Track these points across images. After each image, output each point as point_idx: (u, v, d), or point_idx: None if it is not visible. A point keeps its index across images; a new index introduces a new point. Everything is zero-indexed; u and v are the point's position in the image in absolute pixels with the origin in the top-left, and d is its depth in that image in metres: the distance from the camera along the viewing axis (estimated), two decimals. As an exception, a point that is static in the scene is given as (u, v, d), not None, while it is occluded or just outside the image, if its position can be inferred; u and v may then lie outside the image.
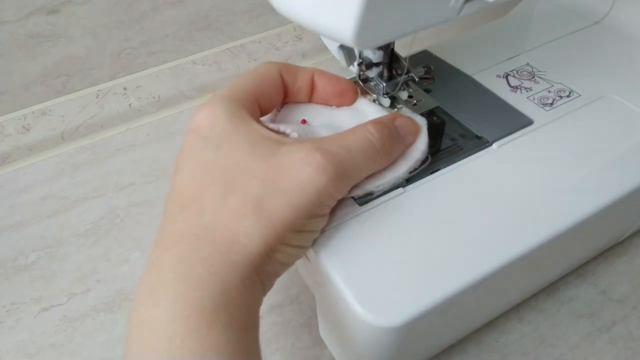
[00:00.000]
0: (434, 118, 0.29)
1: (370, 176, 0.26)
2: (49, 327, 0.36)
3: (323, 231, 0.26)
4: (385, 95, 0.30)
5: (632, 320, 0.34)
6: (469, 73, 0.36)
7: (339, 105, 0.30)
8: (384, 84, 0.30)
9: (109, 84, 0.54)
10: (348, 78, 0.30)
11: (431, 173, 0.29)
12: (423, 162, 0.28)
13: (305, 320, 0.35)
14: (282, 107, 0.29)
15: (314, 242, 0.25)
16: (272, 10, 0.26)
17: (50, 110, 0.51)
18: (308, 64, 0.59)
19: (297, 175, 0.22)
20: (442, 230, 0.26)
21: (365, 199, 0.27)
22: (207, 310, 0.20)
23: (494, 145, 0.30)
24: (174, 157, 0.25)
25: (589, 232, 0.30)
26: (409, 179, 0.28)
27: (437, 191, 0.28)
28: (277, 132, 0.25)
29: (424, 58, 0.38)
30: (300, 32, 0.60)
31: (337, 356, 0.32)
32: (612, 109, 0.32)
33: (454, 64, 0.37)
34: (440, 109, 0.31)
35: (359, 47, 0.29)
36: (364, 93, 0.30)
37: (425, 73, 0.30)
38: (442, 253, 0.25)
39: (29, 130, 0.50)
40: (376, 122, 0.26)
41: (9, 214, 0.45)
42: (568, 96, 0.33)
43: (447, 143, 0.31)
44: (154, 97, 0.54)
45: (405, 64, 0.29)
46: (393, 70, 0.30)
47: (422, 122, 0.29)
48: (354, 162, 0.24)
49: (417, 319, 0.23)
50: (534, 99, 0.33)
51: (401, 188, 0.28)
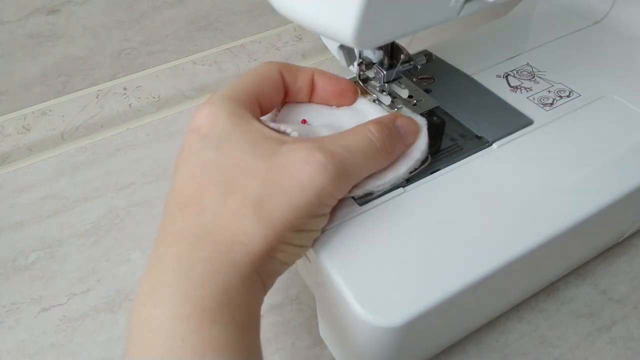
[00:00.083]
0: (434, 118, 0.29)
1: (370, 176, 0.26)
2: (49, 327, 0.36)
3: (323, 231, 0.26)
4: (386, 84, 0.30)
5: (632, 320, 0.34)
6: (469, 73, 0.36)
7: (339, 105, 0.30)
8: (385, 72, 0.29)
9: (109, 84, 0.54)
10: (348, 78, 0.30)
11: (431, 173, 0.29)
12: (423, 162, 0.28)
13: (305, 320, 0.35)
14: (282, 107, 0.29)
15: (314, 242, 0.25)
16: (272, 10, 0.26)
17: (50, 110, 0.51)
18: (308, 64, 0.59)
19: (298, 174, 0.22)
20: (442, 230, 0.26)
21: (365, 199, 0.27)
22: (208, 310, 0.20)
23: (494, 145, 0.30)
24: (174, 157, 0.25)
25: (589, 232, 0.30)
26: (409, 179, 0.28)
27: (437, 191, 0.28)
28: (278, 132, 0.25)
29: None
30: (300, 32, 0.60)
31: (337, 356, 0.32)
32: (612, 109, 0.32)
33: (454, 64, 0.37)
34: (440, 109, 0.31)
35: (359, 47, 0.29)
36: (364, 93, 0.30)
37: (427, 61, 0.29)
38: (442, 253, 0.25)
39: (29, 130, 0.50)
40: (377, 122, 0.26)
41: (9, 214, 0.45)
42: (568, 96, 0.33)
43: (447, 143, 0.31)
44: (154, 97, 0.54)
45: (406, 50, 0.28)
46: (393, 59, 0.29)
47: (422, 122, 0.29)
48: (354, 162, 0.24)
49: (417, 319, 0.23)
50: (534, 99, 0.33)
51: (401, 188, 0.28)
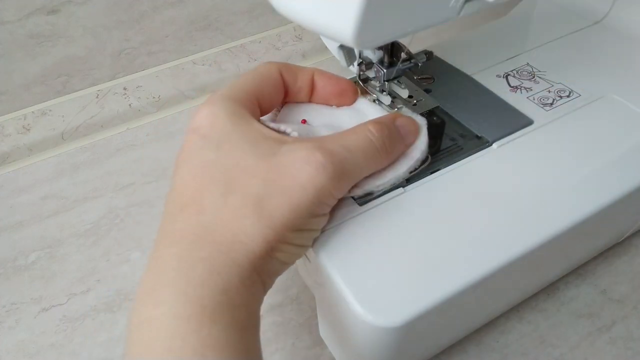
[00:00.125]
0: (434, 118, 0.29)
1: (370, 176, 0.26)
2: (49, 327, 0.36)
3: (323, 231, 0.26)
4: (386, 83, 0.30)
5: (632, 320, 0.34)
6: (469, 73, 0.36)
7: (339, 105, 0.30)
8: (385, 70, 0.29)
9: (109, 84, 0.54)
10: (348, 78, 0.30)
11: (431, 173, 0.29)
12: (423, 162, 0.28)
13: (305, 320, 0.35)
14: (282, 107, 0.29)
15: (314, 242, 0.25)
16: (272, 10, 0.26)
17: (50, 110, 0.51)
18: (308, 64, 0.59)
19: (298, 174, 0.22)
20: (442, 230, 0.26)
21: (365, 199, 0.27)
22: (208, 310, 0.20)
23: (494, 145, 0.30)
24: (174, 157, 0.25)
25: (589, 232, 0.30)
26: (409, 179, 0.28)
27: (437, 191, 0.28)
28: (278, 132, 0.25)
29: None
30: (300, 32, 0.60)
31: (337, 356, 0.32)
32: (612, 109, 0.32)
33: (454, 64, 0.37)
34: (440, 109, 0.31)
35: (359, 47, 0.29)
36: (364, 93, 0.30)
37: (427, 59, 0.29)
38: (442, 253, 0.25)
39: (29, 130, 0.50)
40: (377, 122, 0.26)
41: (9, 214, 0.45)
42: (568, 96, 0.33)
43: (447, 143, 0.31)
44: (154, 97, 0.54)
45: (407, 48, 0.28)
46: (394, 57, 0.29)
47: (422, 122, 0.29)
48: (354, 162, 0.24)
49: (417, 319, 0.23)
50: (534, 99, 0.33)
51: (401, 188, 0.28)
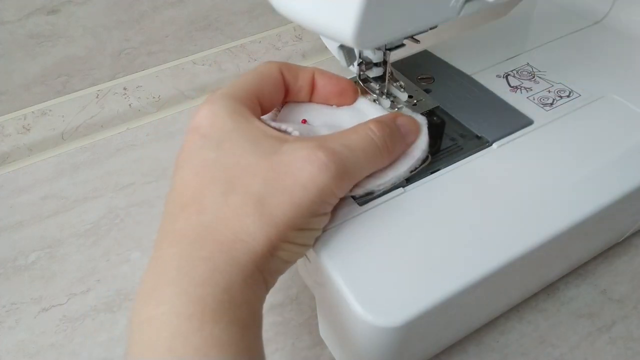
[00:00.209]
0: (434, 118, 0.30)
1: (371, 175, 0.26)
2: (49, 327, 0.36)
3: (323, 230, 0.26)
4: (384, 96, 0.30)
5: (632, 320, 0.34)
6: (469, 73, 0.36)
7: (339, 105, 0.30)
8: (378, 85, 0.30)
9: (109, 84, 0.54)
10: (348, 78, 0.30)
11: (431, 173, 0.29)
12: (424, 161, 0.28)
13: (305, 320, 0.35)
14: (283, 107, 0.29)
15: (315, 242, 0.25)
16: (272, 10, 0.26)
17: (50, 110, 0.51)
18: (308, 64, 0.59)
19: (299, 173, 0.22)
20: (442, 230, 0.26)
21: (365, 199, 0.27)
22: (210, 309, 0.20)
23: (494, 145, 0.30)
24: (174, 157, 0.25)
25: (589, 232, 0.30)
26: (409, 179, 0.28)
27: (437, 191, 0.28)
28: (279, 131, 0.25)
29: (424, 58, 0.38)
30: (300, 32, 0.60)
31: (337, 356, 0.32)
32: (612, 109, 0.32)
33: (454, 64, 0.37)
34: (440, 109, 0.31)
35: (359, 47, 0.29)
36: (364, 93, 0.30)
37: (409, 97, 0.31)
38: (442, 253, 0.25)
39: (29, 130, 0.50)
40: (378, 121, 0.26)
41: (9, 214, 0.45)
42: (568, 96, 0.33)
43: (447, 143, 0.31)
44: (154, 97, 0.54)
45: (387, 82, 0.30)
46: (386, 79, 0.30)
47: (423, 121, 0.29)
48: (356, 161, 0.24)
49: (417, 319, 0.23)
50: (534, 99, 0.33)
51: (401, 188, 0.28)
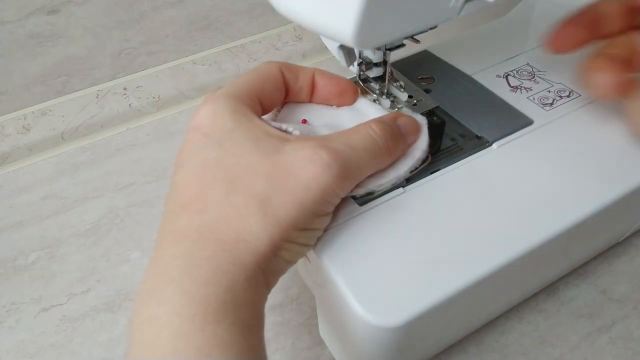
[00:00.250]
0: (434, 118, 0.30)
1: (372, 175, 0.26)
2: (49, 327, 0.36)
3: (324, 230, 0.26)
4: (384, 96, 0.30)
5: (632, 320, 0.34)
6: (469, 73, 0.36)
7: (339, 105, 0.30)
8: (378, 85, 0.30)
9: (109, 84, 0.54)
10: (348, 78, 0.30)
11: (431, 173, 0.29)
12: (424, 161, 0.28)
13: (305, 320, 0.35)
14: (283, 107, 0.29)
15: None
16: (272, 10, 0.26)
17: (50, 110, 0.51)
18: (308, 64, 0.59)
19: (302, 173, 0.22)
20: (442, 230, 0.26)
21: (365, 199, 0.27)
22: (213, 309, 0.20)
23: (494, 145, 0.30)
24: (174, 157, 0.25)
25: (589, 232, 0.30)
26: (409, 179, 0.28)
27: (437, 191, 0.28)
28: (280, 130, 0.25)
29: (424, 58, 0.38)
30: (300, 32, 0.60)
31: (337, 356, 0.32)
32: (612, 108, 0.32)
33: (454, 64, 0.37)
34: (440, 109, 0.31)
35: (359, 47, 0.29)
36: (364, 93, 0.30)
37: (409, 97, 0.31)
38: (442, 253, 0.25)
39: (29, 130, 0.50)
40: (379, 121, 0.26)
41: (9, 214, 0.45)
42: (568, 96, 0.33)
43: (447, 143, 0.31)
44: (154, 97, 0.54)
45: (387, 83, 0.30)
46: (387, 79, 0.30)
47: (423, 121, 0.29)
48: (358, 160, 0.24)
49: (418, 319, 0.23)
50: (534, 99, 0.33)
51: (401, 188, 0.28)
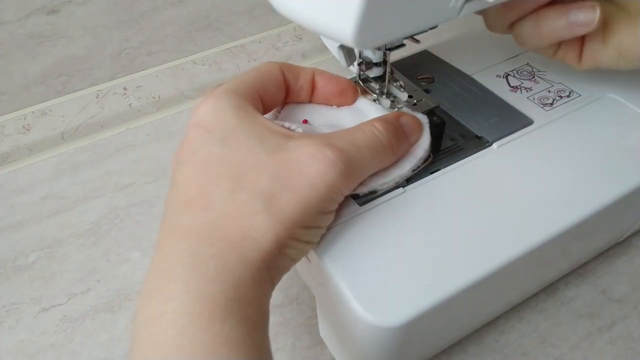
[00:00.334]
0: (434, 118, 0.30)
1: (375, 174, 0.26)
2: (49, 327, 0.36)
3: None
4: (384, 96, 0.30)
5: (632, 320, 0.34)
6: (469, 73, 0.36)
7: (339, 105, 0.30)
8: (378, 85, 0.31)
9: (109, 84, 0.54)
10: (348, 78, 0.30)
11: (431, 173, 0.29)
12: (426, 160, 0.28)
13: (305, 320, 0.35)
14: (283, 107, 0.29)
15: None
16: (272, 10, 0.26)
17: (50, 110, 0.51)
18: (308, 64, 0.59)
19: (308, 170, 0.22)
20: (442, 230, 0.26)
21: (365, 199, 0.27)
22: (220, 306, 0.20)
23: (494, 145, 0.30)
24: (174, 156, 0.25)
25: (589, 232, 0.30)
26: (409, 179, 0.28)
27: (437, 191, 0.28)
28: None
29: (424, 58, 0.38)
30: (300, 32, 0.60)
31: (337, 356, 0.32)
32: (612, 109, 0.32)
33: (454, 64, 0.37)
34: (440, 109, 0.31)
35: (359, 47, 0.29)
36: (364, 93, 0.30)
37: (409, 97, 0.31)
38: (442, 253, 0.25)
39: (29, 130, 0.50)
40: (382, 120, 0.26)
41: (9, 214, 0.45)
42: (568, 96, 0.33)
43: (447, 143, 0.31)
44: (154, 97, 0.54)
45: (388, 83, 0.30)
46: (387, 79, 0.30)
47: (424, 120, 0.29)
48: (362, 158, 0.24)
49: (418, 319, 0.23)
50: (534, 99, 0.33)
51: (401, 188, 0.28)
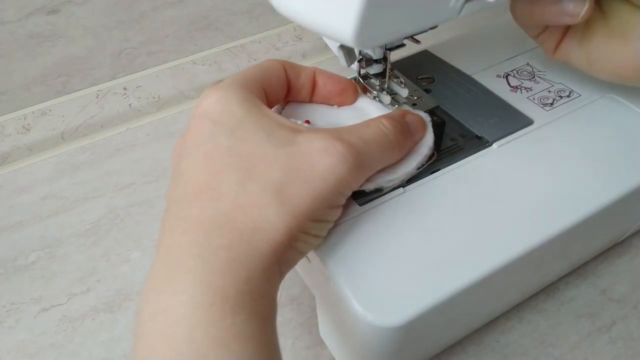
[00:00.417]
0: (434, 118, 0.30)
1: (381, 171, 0.26)
2: (49, 327, 0.36)
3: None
4: (384, 92, 0.30)
5: (632, 320, 0.34)
6: (469, 73, 0.36)
7: (340, 104, 0.30)
8: (378, 82, 0.31)
9: (109, 84, 0.54)
10: (348, 78, 0.30)
11: (431, 173, 0.29)
12: (430, 157, 0.28)
13: (305, 320, 0.35)
14: (284, 108, 0.29)
15: None
16: (272, 10, 0.26)
17: (50, 110, 0.51)
18: (308, 64, 0.58)
19: (318, 164, 0.22)
20: (442, 230, 0.26)
21: (365, 199, 0.27)
22: (231, 300, 0.19)
23: (494, 145, 0.30)
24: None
25: (589, 232, 0.30)
26: (410, 179, 0.28)
27: (437, 191, 0.28)
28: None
29: (424, 58, 0.38)
30: (300, 32, 0.60)
31: (337, 356, 0.32)
32: (612, 109, 0.32)
33: (454, 64, 0.37)
34: (440, 109, 0.31)
35: (359, 47, 0.29)
36: (364, 90, 0.30)
37: (409, 96, 0.31)
38: (442, 253, 0.25)
39: (29, 130, 0.50)
40: (389, 117, 0.26)
41: (9, 214, 0.45)
42: (568, 96, 0.33)
43: (447, 143, 0.31)
44: (154, 97, 0.54)
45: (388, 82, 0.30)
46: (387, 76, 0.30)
47: (427, 118, 0.29)
48: (370, 154, 0.24)
49: (418, 319, 0.23)
50: (534, 99, 0.33)
51: (401, 188, 0.28)
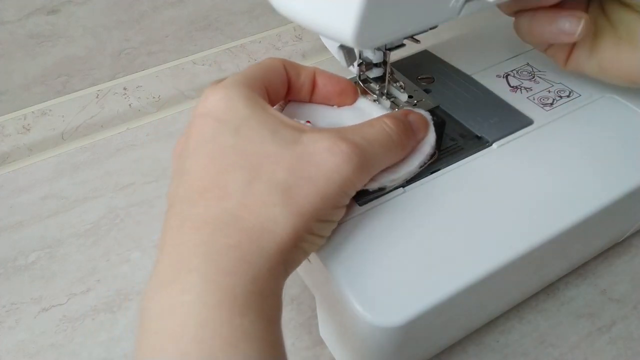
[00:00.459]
0: (434, 118, 0.30)
1: (385, 170, 0.26)
2: (49, 327, 0.36)
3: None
4: (384, 97, 0.30)
5: (632, 320, 0.34)
6: (469, 73, 0.36)
7: (340, 105, 0.30)
8: (378, 86, 0.31)
9: (109, 84, 0.54)
10: (348, 78, 0.30)
11: (431, 173, 0.29)
12: (431, 157, 0.28)
13: (305, 320, 0.35)
14: (285, 108, 0.29)
15: None
16: (272, 10, 0.26)
17: (50, 110, 0.51)
18: (308, 64, 0.58)
19: (324, 164, 0.22)
20: (442, 230, 0.26)
21: (365, 199, 0.27)
22: (239, 299, 0.19)
23: (494, 145, 0.30)
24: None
25: (589, 232, 0.30)
26: (409, 179, 0.28)
27: (437, 191, 0.28)
28: None
29: (424, 58, 0.38)
30: (300, 32, 0.60)
31: (337, 356, 0.32)
32: (612, 109, 0.32)
33: (454, 64, 0.37)
34: (440, 109, 0.31)
35: (359, 47, 0.29)
36: (364, 94, 0.30)
37: (409, 97, 0.31)
38: (442, 253, 0.25)
39: (29, 130, 0.50)
40: (391, 116, 0.26)
41: (9, 214, 0.45)
42: (568, 96, 0.33)
43: (447, 143, 0.31)
44: (154, 97, 0.54)
45: (387, 83, 0.30)
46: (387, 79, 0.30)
47: (428, 117, 0.29)
48: (374, 153, 0.24)
49: (417, 319, 0.23)
50: (534, 99, 0.33)
51: (401, 188, 0.28)
